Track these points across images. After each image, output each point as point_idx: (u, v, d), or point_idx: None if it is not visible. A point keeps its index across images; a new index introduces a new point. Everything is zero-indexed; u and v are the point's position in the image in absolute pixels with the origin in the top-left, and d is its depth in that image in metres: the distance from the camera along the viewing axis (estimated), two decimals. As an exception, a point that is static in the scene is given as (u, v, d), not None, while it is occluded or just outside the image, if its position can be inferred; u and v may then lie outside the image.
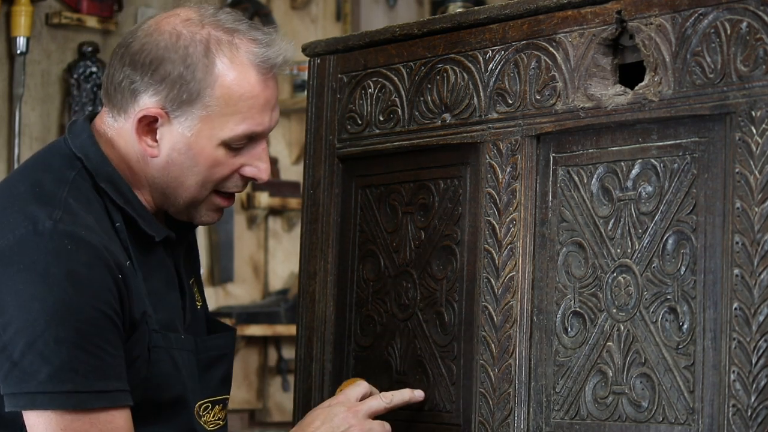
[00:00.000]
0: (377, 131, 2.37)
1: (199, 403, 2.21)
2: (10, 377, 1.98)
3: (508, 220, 2.17)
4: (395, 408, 2.24)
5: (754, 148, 1.90)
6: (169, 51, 2.08)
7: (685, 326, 1.97)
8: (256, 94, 2.11)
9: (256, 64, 2.11)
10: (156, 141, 2.12)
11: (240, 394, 5.00)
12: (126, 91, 2.10)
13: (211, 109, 2.09)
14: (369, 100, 2.38)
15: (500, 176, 2.19)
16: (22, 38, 4.22)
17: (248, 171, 2.16)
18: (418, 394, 2.25)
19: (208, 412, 2.22)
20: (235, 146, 2.12)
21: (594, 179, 2.10)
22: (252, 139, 2.14)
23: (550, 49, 2.15)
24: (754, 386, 1.87)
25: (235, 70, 2.09)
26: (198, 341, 2.22)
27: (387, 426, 2.22)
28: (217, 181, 2.15)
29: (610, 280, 2.07)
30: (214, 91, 2.08)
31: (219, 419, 2.25)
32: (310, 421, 2.19)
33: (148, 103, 2.09)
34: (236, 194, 2.23)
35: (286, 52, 2.14)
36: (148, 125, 2.11)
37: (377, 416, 2.23)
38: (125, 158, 2.14)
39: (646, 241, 2.03)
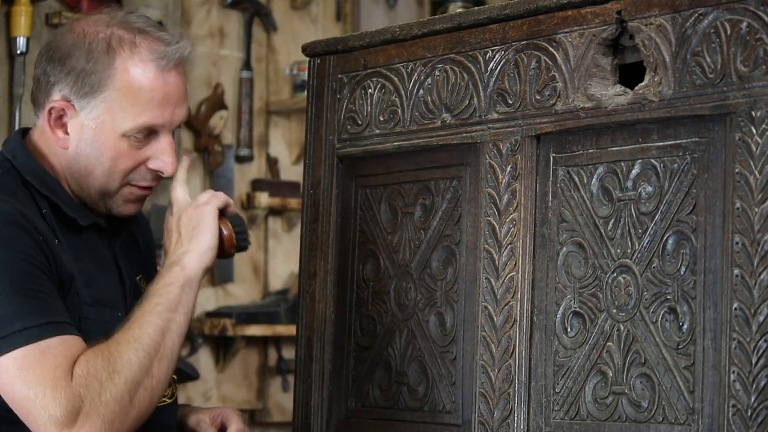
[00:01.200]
0: (377, 131, 2.37)
1: None
2: None
3: (508, 220, 2.18)
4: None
5: (754, 148, 1.90)
6: (75, 48, 2.23)
7: (685, 326, 1.97)
8: (154, 87, 2.23)
9: (155, 60, 2.23)
10: (67, 134, 2.25)
11: (240, 394, 4.99)
12: (41, 86, 2.27)
13: (112, 102, 2.22)
14: (369, 100, 2.38)
15: (500, 176, 2.19)
16: (22, 38, 4.22)
17: (153, 164, 2.27)
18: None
19: None
20: (136, 138, 2.24)
21: (594, 179, 2.10)
22: (154, 132, 2.25)
23: (550, 49, 2.15)
24: (754, 386, 1.87)
25: (134, 65, 2.23)
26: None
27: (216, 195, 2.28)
28: (123, 172, 2.26)
29: (610, 280, 2.07)
30: (114, 83, 2.22)
31: (165, 396, 2.30)
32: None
33: (56, 96, 2.24)
34: (152, 186, 2.32)
35: (184, 50, 2.26)
36: (59, 119, 2.25)
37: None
38: (46, 156, 2.28)
39: (646, 241, 2.03)
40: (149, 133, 2.24)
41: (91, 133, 2.23)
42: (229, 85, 5.03)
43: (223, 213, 2.28)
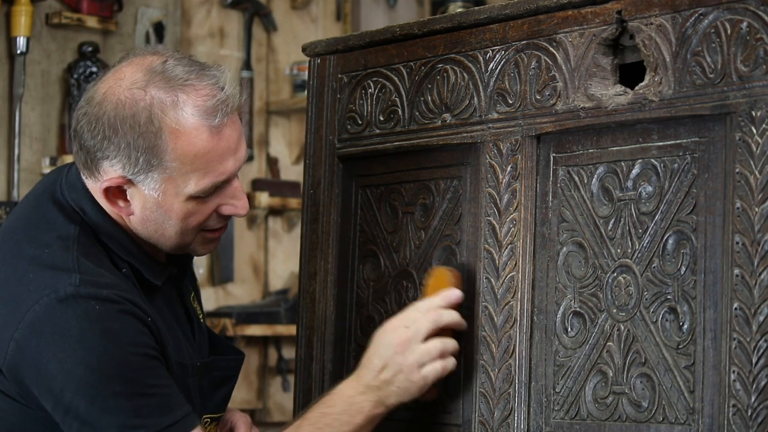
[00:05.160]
0: (377, 131, 2.37)
1: (202, 418, 2.25)
2: None
3: (508, 220, 2.17)
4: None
5: (754, 148, 1.90)
6: (117, 122, 2.09)
7: (685, 326, 1.97)
8: (210, 148, 2.11)
9: (204, 120, 2.10)
10: (128, 201, 2.15)
11: (240, 394, 4.99)
12: (89, 156, 2.13)
13: (171, 171, 2.11)
14: (369, 100, 2.38)
15: (500, 176, 2.19)
16: (22, 38, 4.22)
17: (226, 210, 2.19)
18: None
19: (206, 428, 2.27)
20: (203, 196, 2.15)
21: (594, 179, 2.10)
22: (219, 186, 2.16)
23: (551, 49, 2.15)
24: (754, 386, 1.87)
25: (184, 132, 2.10)
26: (207, 362, 2.26)
27: (443, 344, 2.19)
28: (196, 227, 2.18)
29: (610, 280, 2.07)
30: (168, 155, 2.09)
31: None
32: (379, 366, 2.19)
33: (110, 172, 2.12)
34: (226, 225, 2.25)
35: (232, 99, 2.13)
36: (117, 189, 2.14)
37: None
38: (112, 215, 2.18)
39: (646, 241, 2.03)
40: (216, 188, 2.15)
41: (154, 201, 2.13)
42: (229, 85, 5.03)
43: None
